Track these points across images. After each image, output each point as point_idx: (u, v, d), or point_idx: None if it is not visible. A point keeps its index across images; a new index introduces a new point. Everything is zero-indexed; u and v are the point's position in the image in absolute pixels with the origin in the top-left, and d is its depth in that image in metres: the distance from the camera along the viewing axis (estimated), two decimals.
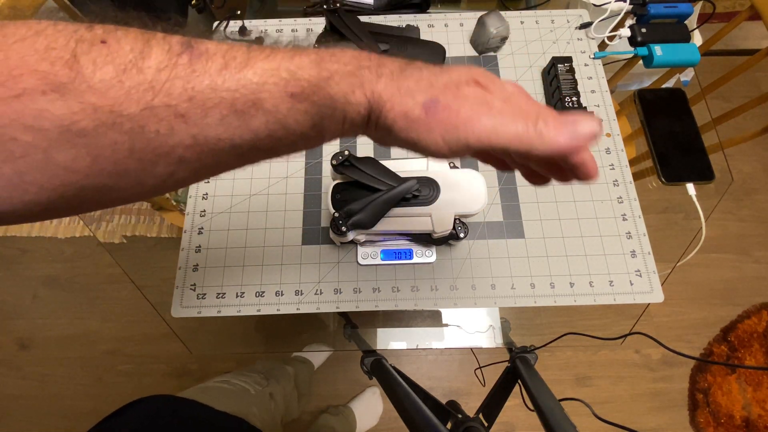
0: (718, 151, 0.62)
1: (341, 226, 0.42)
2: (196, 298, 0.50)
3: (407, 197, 0.42)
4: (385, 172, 0.42)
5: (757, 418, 1.11)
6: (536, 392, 0.43)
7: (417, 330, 0.67)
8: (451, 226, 0.43)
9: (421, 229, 0.44)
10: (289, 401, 0.81)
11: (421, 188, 0.42)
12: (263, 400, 0.63)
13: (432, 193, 0.43)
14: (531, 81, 0.61)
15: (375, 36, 0.52)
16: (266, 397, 0.64)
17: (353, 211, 0.41)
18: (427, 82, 0.22)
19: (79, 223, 1.34)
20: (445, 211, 0.43)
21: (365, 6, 0.66)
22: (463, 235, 0.46)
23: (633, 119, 0.76)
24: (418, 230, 0.44)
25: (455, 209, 0.43)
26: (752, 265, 1.29)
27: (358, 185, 0.42)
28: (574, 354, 1.22)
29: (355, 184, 0.42)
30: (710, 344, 1.21)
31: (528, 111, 0.22)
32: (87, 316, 1.25)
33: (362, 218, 0.41)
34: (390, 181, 0.41)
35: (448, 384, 1.19)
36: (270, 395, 0.65)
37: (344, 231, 0.42)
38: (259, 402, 0.61)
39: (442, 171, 0.45)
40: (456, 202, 0.43)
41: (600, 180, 0.55)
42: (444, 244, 0.51)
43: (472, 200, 0.43)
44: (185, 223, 0.53)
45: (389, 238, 0.50)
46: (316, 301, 0.50)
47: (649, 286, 0.50)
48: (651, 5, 0.61)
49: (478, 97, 0.22)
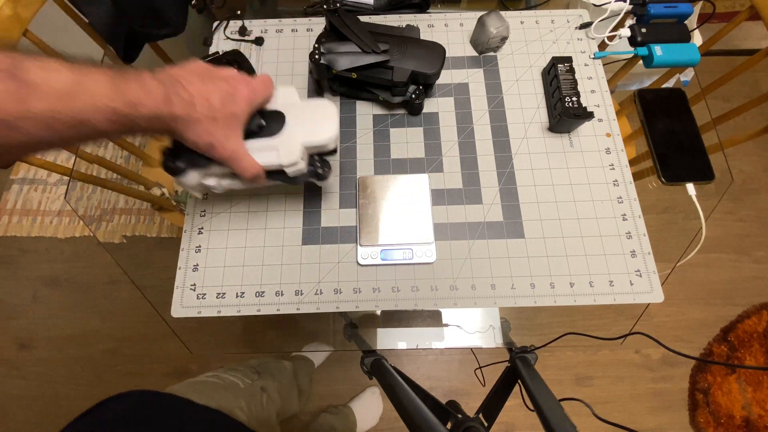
0: (718, 151, 0.62)
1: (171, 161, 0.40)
2: (196, 298, 0.50)
3: (252, 130, 0.40)
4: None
5: (757, 418, 1.11)
6: (536, 392, 0.43)
7: (417, 330, 0.67)
8: (298, 156, 0.41)
9: (270, 163, 0.41)
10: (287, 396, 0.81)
11: (268, 122, 0.41)
12: (253, 394, 0.63)
13: (277, 125, 0.41)
14: (531, 81, 0.61)
15: (375, 36, 0.52)
16: (257, 390, 0.65)
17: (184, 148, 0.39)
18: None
19: (79, 223, 1.34)
20: (293, 142, 0.41)
21: (365, 6, 0.66)
22: (325, 172, 0.44)
23: (633, 119, 0.76)
24: (267, 164, 0.41)
25: (303, 138, 0.42)
26: (752, 265, 1.29)
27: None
28: (574, 354, 1.22)
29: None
30: (710, 344, 1.21)
31: None
32: (87, 316, 1.25)
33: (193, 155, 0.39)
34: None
35: (448, 384, 1.19)
36: (261, 389, 0.66)
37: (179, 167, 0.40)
38: (249, 395, 0.62)
39: (291, 103, 0.43)
40: (303, 131, 0.42)
41: (600, 180, 0.55)
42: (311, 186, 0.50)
43: (320, 129, 0.42)
44: (185, 223, 0.53)
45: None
46: (316, 301, 0.50)
47: (649, 286, 0.50)
48: (651, 5, 0.61)
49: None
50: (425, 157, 0.57)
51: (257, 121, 0.41)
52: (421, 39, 0.54)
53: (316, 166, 0.44)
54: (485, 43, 0.60)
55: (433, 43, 0.54)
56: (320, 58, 0.52)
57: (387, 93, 0.56)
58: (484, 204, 0.54)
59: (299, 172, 0.43)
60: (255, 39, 0.63)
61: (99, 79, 0.29)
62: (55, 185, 1.40)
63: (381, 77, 0.52)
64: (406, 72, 0.52)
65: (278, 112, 0.42)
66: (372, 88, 0.56)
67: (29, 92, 0.25)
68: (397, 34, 0.54)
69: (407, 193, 0.53)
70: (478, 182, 0.55)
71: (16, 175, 1.41)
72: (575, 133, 0.58)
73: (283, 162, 0.41)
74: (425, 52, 0.53)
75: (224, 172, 0.42)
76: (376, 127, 0.58)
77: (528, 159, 0.56)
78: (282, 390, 0.76)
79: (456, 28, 0.65)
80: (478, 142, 0.57)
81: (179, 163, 0.40)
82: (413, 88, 0.55)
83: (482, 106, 0.59)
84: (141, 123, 0.32)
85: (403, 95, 0.55)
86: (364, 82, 0.55)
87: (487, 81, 0.61)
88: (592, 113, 0.54)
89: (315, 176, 0.45)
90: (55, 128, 0.27)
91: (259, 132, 0.41)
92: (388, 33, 0.53)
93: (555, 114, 0.56)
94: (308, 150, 0.43)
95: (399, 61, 0.52)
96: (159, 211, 0.86)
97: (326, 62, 0.52)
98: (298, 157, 0.41)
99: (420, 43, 0.53)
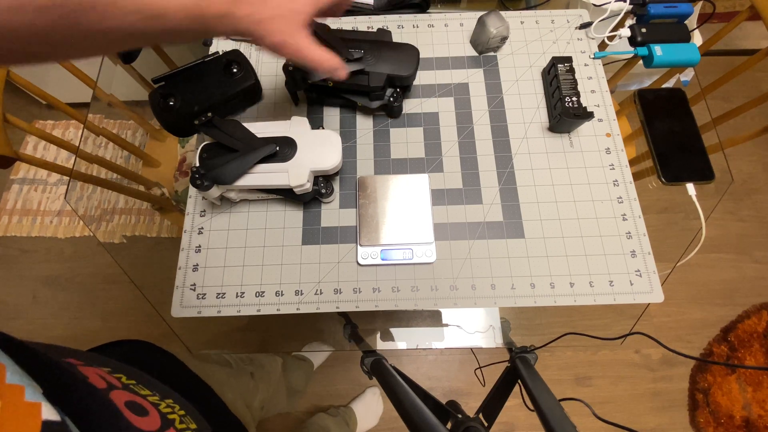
0: (718, 151, 0.62)
1: (198, 179, 0.46)
2: (196, 298, 0.50)
3: (267, 156, 0.47)
4: (246, 134, 0.48)
5: (757, 418, 1.11)
6: (536, 392, 0.43)
7: (417, 330, 0.67)
8: (305, 179, 0.47)
9: (280, 184, 0.47)
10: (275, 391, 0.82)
11: (281, 147, 0.47)
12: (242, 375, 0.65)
13: (290, 151, 0.48)
14: (531, 81, 0.61)
15: (347, 43, 0.52)
16: (246, 374, 0.67)
17: (213, 166, 0.46)
18: None
19: (79, 223, 1.34)
20: (302, 167, 0.47)
21: (365, 6, 0.66)
22: (328, 193, 0.52)
23: (633, 119, 0.76)
24: (277, 185, 0.48)
25: (311, 165, 0.48)
26: (752, 265, 1.29)
27: (224, 147, 0.48)
28: (574, 354, 1.22)
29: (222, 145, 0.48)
30: (710, 344, 1.21)
31: None
32: (87, 316, 1.25)
33: (219, 173, 0.46)
34: (249, 142, 0.47)
35: (448, 384, 1.20)
36: (251, 375, 0.68)
37: (204, 185, 0.46)
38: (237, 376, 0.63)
39: (301, 132, 0.50)
40: (311, 158, 0.48)
41: (600, 180, 0.55)
42: (315, 203, 0.54)
43: (326, 156, 0.49)
44: (185, 223, 0.53)
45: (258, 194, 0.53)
46: (316, 301, 0.50)
47: (649, 286, 0.50)
48: (651, 5, 0.61)
49: None
50: (425, 157, 0.57)
51: (272, 147, 0.47)
52: (394, 42, 0.54)
53: (320, 187, 0.51)
54: (485, 43, 0.60)
55: (406, 45, 0.53)
56: (294, 68, 0.52)
57: (365, 98, 0.55)
58: (484, 204, 0.54)
59: (305, 191, 0.49)
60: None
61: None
62: (55, 185, 1.40)
63: (357, 83, 0.52)
64: (382, 76, 0.52)
65: (291, 139, 0.49)
66: (349, 94, 0.56)
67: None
68: (369, 39, 0.53)
69: (407, 193, 0.53)
70: (478, 182, 0.55)
71: (16, 175, 1.41)
72: (575, 133, 0.58)
73: (292, 184, 0.47)
74: (399, 55, 0.53)
75: (241, 188, 0.49)
76: (376, 127, 0.58)
77: (528, 159, 0.56)
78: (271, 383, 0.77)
79: (456, 28, 0.65)
80: (478, 142, 0.57)
81: (206, 182, 0.46)
82: (390, 91, 0.55)
83: (482, 106, 0.59)
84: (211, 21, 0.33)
85: (381, 99, 0.55)
86: (341, 90, 0.55)
87: (487, 81, 0.61)
88: (592, 113, 0.54)
89: (318, 195, 0.52)
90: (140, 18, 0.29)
91: (273, 156, 0.47)
92: (360, 39, 0.53)
93: (555, 114, 0.56)
94: (314, 173, 0.50)
95: (374, 66, 0.51)
96: (159, 211, 0.86)
97: (300, 73, 0.52)
98: (306, 180, 0.47)
99: (394, 47, 0.53)
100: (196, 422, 0.31)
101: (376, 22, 0.65)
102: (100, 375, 0.26)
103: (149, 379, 0.32)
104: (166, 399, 0.30)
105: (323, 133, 0.50)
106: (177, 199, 0.82)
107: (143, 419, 0.25)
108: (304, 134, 0.49)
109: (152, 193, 0.82)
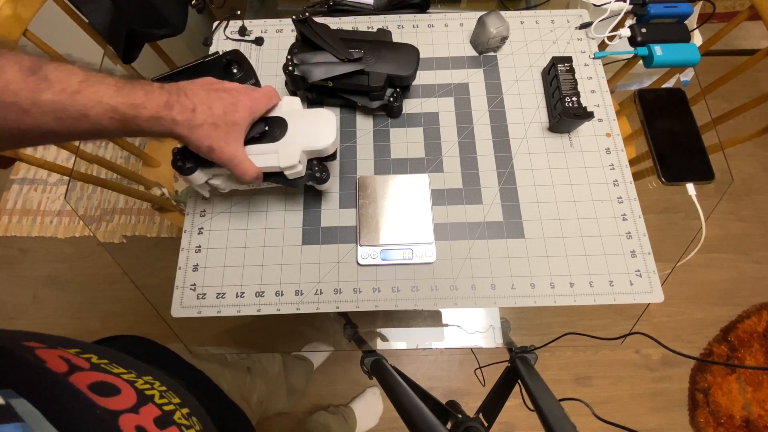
0: (718, 151, 0.62)
1: (180, 160, 0.43)
2: (196, 298, 0.50)
3: (254, 136, 0.43)
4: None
5: (757, 418, 1.11)
6: (536, 392, 0.43)
7: (417, 330, 0.67)
8: (296, 160, 0.43)
9: (269, 165, 0.43)
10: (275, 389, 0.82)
11: (270, 127, 0.44)
12: (239, 368, 0.65)
13: (279, 131, 0.44)
14: (531, 81, 0.61)
15: (347, 43, 0.51)
16: (242, 368, 0.67)
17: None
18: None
19: (79, 223, 1.34)
20: (292, 147, 0.44)
21: (365, 6, 0.66)
22: (323, 176, 0.47)
23: (633, 119, 0.76)
24: (266, 166, 0.43)
25: (303, 144, 0.44)
26: (752, 265, 1.29)
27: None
28: (574, 354, 1.22)
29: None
30: (710, 344, 1.21)
31: None
32: (87, 316, 1.25)
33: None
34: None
35: (448, 384, 1.19)
36: (248, 369, 0.68)
37: (186, 167, 0.43)
38: (234, 369, 0.63)
39: (294, 111, 0.46)
40: (303, 137, 0.44)
41: (600, 180, 0.55)
42: (310, 189, 0.52)
43: (320, 136, 0.45)
44: (185, 223, 0.53)
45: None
46: (316, 301, 0.50)
47: (649, 286, 0.50)
48: (651, 5, 0.61)
49: None
50: (425, 157, 0.57)
51: (260, 126, 0.44)
52: (394, 42, 0.54)
53: (314, 171, 0.47)
54: (485, 43, 0.60)
55: (406, 45, 0.53)
56: (294, 69, 0.52)
57: (365, 98, 0.56)
58: (484, 204, 0.54)
59: (297, 175, 0.45)
60: (255, 39, 0.63)
61: (107, 82, 0.33)
62: (55, 185, 1.40)
63: (357, 83, 0.52)
64: (382, 76, 0.52)
65: (281, 119, 0.45)
66: (349, 94, 0.56)
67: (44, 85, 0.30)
68: (369, 39, 0.53)
69: (407, 193, 0.53)
70: (478, 182, 0.55)
71: (16, 175, 1.41)
72: (575, 133, 0.58)
73: (281, 165, 0.43)
74: (399, 54, 0.53)
75: (229, 173, 0.45)
76: (376, 127, 0.58)
77: (528, 159, 0.56)
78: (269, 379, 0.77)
79: (456, 28, 0.65)
80: (478, 142, 0.57)
81: (188, 163, 0.43)
82: (390, 91, 0.55)
83: (482, 106, 0.59)
84: (142, 124, 0.35)
85: (381, 99, 0.55)
86: (341, 90, 0.55)
87: (487, 81, 0.61)
88: (592, 113, 0.54)
89: (313, 180, 0.47)
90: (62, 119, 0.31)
91: (262, 137, 0.44)
92: (360, 39, 0.53)
93: (555, 114, 0.56)
94: (307, 154, 0.46)
95: (374, 66, 0.51)
96: (159, 211, 0.86)
97: (300, 73, 0.52)
98: (296, 160, 0.43)
99: (393, 47, 0.53)
100: (180, 396, 0.31)
101: (376, 22, 0.65)
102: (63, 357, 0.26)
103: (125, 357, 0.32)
104: (143, 376, 0.30)
105: (316, 111, 0.46)
106: (177, 199, 0.82)
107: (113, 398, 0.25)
108: (296, 113, 0.46)
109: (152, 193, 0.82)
